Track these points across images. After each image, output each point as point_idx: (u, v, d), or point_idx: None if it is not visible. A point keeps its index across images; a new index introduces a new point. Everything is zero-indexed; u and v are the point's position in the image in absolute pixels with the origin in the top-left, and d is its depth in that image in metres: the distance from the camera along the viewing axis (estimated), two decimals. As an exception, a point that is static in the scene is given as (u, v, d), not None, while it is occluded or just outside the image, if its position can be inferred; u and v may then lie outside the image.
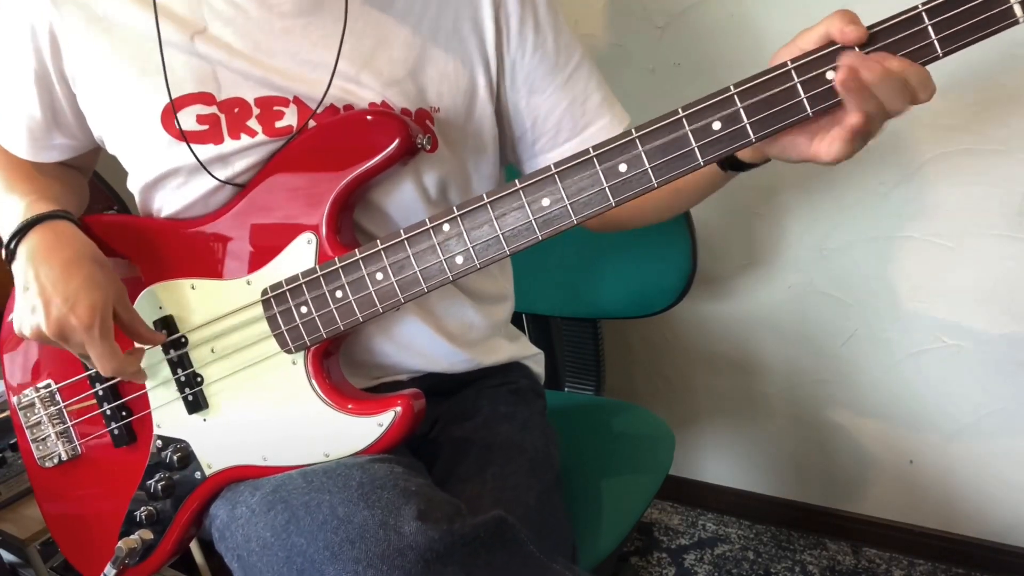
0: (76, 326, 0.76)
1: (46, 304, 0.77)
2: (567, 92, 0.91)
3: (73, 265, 0.79)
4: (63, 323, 0.76)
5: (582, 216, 0.71)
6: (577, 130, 0.93)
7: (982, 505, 1.48)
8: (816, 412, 1.59)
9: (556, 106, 0.91)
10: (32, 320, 0.78)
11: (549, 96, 0.91)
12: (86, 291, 0.77)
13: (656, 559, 1.70)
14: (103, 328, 0.77)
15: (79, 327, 0.76)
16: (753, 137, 0.65)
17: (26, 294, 0.79)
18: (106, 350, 0.77)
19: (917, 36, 0.60)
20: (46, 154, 0.94)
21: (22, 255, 0.81)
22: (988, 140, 1.23)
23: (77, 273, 0.78)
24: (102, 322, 0.77)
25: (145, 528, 0.88)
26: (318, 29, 0.83)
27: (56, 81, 0.87)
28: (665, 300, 1.29)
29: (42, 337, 0.78)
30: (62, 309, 0.76)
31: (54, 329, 0.76)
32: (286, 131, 0.82)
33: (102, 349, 0.77)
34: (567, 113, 0.92)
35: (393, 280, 0.78)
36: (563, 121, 0.92)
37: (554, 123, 0.92)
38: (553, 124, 0.92)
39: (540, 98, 0.91)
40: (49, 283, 0.77)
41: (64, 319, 0.76)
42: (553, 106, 0.91)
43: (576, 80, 0.92)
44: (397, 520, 0.66)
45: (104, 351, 0.77)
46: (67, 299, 0.76)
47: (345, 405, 0.81)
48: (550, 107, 0.91)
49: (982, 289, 1.33)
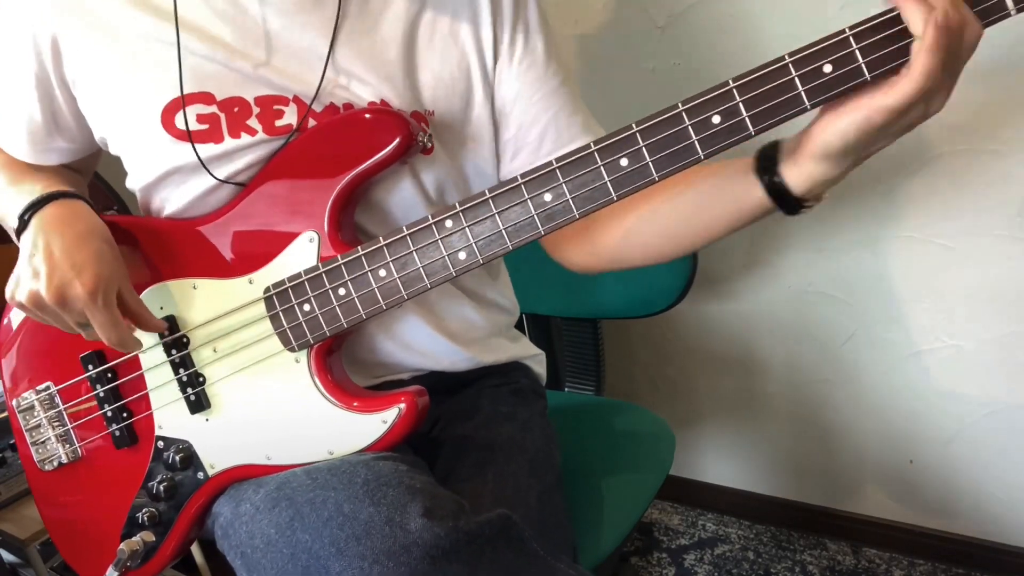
0: (79, 292, 0.75)
1: (51, 269, 0.76)
2: (553, 103, 0.90)
3: (84, 238, 0.78)
4: (66, 289, 0.75)
5: (584, 210, 0.71)
6: (562, 143, 0.90)
7: (982, 505, 1.49)
8: (816, 412, 1.59)
9: (541, 115, 0.90)
10: (32, 284, 0.76)
11: (536, 103, 0.90)
12: (93, 262, 0.76)
13: (656, 559, 1.70)
14: (106, 297, 0.76)
15: (82, 293, 0.75)
16: (752, 130, 0.66)
17: (31, 259, 0.77)
18: (109, 318, 0.76)
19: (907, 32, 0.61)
20: (46, 157, 0.94)
21: (34, 225, 0.80)
22: (988, 140, 1.23)
23: (87, 246, 0.78)
24: (106, 292, 0.76)
25: (147, 530, 0.88)
26: (316, 28, 0.83)
27: (56, 85, 0.87)
28: (665, 300, 1.29)
29: (38, 303, 0.76)
30: (67, 275, 0.75)
31: (54, 294, 0.75)
32: (286, 130, 0.82)
33: (105, 317, 0.76)
34: (552, 123, 0.90)
35: (396, 276, 0.77)
36: (547, 132, 0.90)
37: (538, 133, 0.90)
38: (537, 134, 0.90)
39: (526, 104, 0.90)
40: (57, 249, 0.77)
41: (68, 284, 0.75)
42: (537, 115, 0.90)
43: (561, 94, 0.91)
44: (403, 517, 0.66)
45: (107, 319, 0.76)
46: (74, 266, 0.76)
47: (349, 402, 0.81)
48: (535, 115, 0.90)
49: (982, 289, 1.33)
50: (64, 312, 0.77)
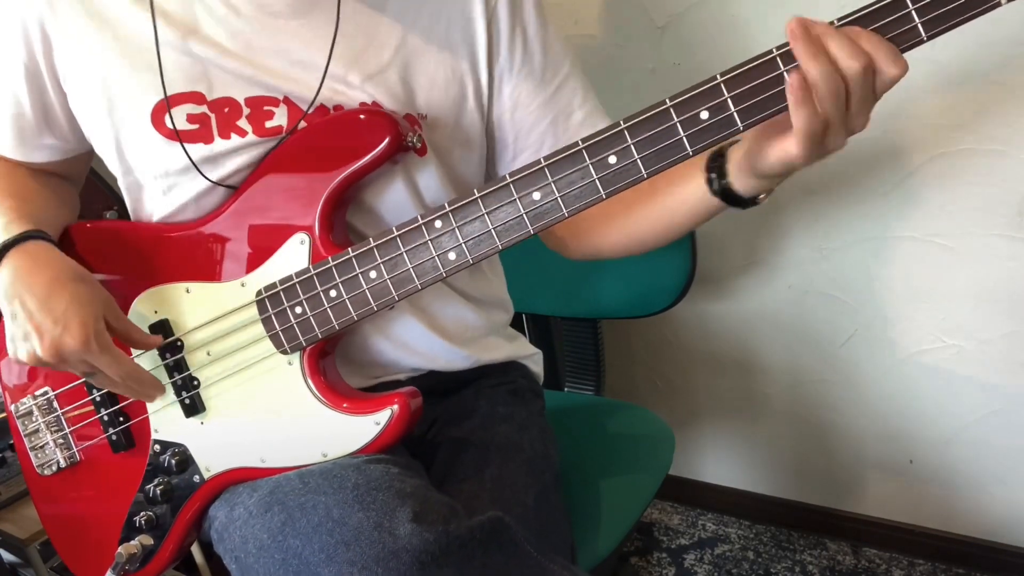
0: (72, 346, 0.75)
1: (37, 330, 0.76)
2: (551, 108, 0.91)
3: (56, 286, 0.78)
4: (58, 346, 0.75)
5: (573, 209, 0.71)
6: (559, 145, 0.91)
7: (982, 505, 1.48)
8: (816, 412, 1.59)
9: (539, 121, 0.91)
10: (27, 346, 0.77)
11: (533, 111, 0.90)
12: (74, 310, 0.76)
13: (656, 559, 1.70)
14: (100, 342, 0.76)
15: (76, 347, 0.75)
16: (741, 125, 0.65)
17: (15, 322, 0.78)
18: (111, 360, 0.77)
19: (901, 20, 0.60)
20: (35, 154, 0.93)
21: (2, 284, 0.79)
22: (988, 140, 1.23)
23: (62, 294, 0.77)
24: (98, 336, 0.76)
25: (145, 533, 0.88)
26: (310, 30, 0.83)
27: (48, 79, 0.86)
28: (665, 300, 1.29)
29: (40, 362, 0.77)
30: (54, 332, 0.75)
31: (50, 353, 0.75)
32: (276, 131, 0.82)
33: (107, 360, 0.77)
34: (550, 129, 0.91)
35: (387, 278, 0.78)
36: (545, 137, 0.91)
37: (536, 138, 0.91)
38: (535, 139, 0.92)
39: (524, 113, 0.91)
40: (35, 308, 0.76)
41: (59, 341, 0.75)
42: (536, 121, 0.91)
43: (560, 96, 0.91)
44: (392, 522, 0.66)
45: (110, 361, 0.77)
46: (57, 321, 0.75)
47: (341, 404, 0.81)
48: (533, 122, 0.91)
49: (982, 289, 1.32)
50: (67, 366, 0.78)
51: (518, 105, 0.90)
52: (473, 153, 0.92)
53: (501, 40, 0.88)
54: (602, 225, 0.90)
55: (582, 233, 0.94)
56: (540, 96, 0.90)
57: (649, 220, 0.85)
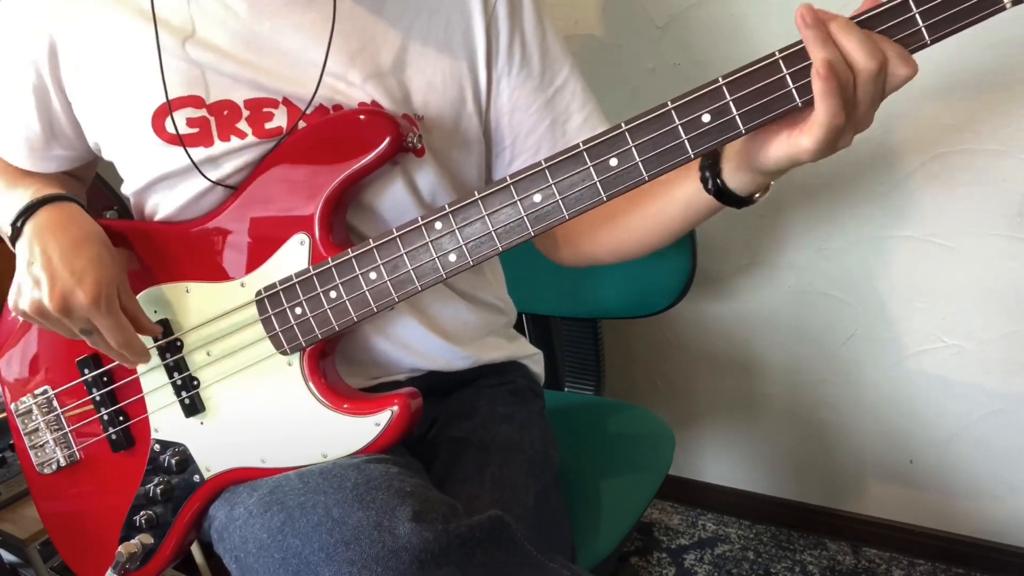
0: (82, 300, 0.75)
1: (51, 277, 0.76)
2: (549, 111, 0.91)
3: (82, 243, 0.78)
4: (68, 296, 0.75)
5: (574, 211, 0.71)
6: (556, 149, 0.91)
7: (982, 505, 1.48)
8: (816, 412, 1.59)
9: (538, 125, 0.91)
10: (34, 294, 0.77)
11: (532, 114, 0.90)
12: (93, 268, 0.77)
13: (656, 559, 1.70)
14: (109, 302, 0.77)
15: (85, 301, 0.75)
16: (743, 128, 0.65)
17: (30, 268, 0.78)
18: (114, 322, 0.77)
19: (905, 24, 0.60)
20: (45, 164, 0.94)
21: (28, 231, 0.80)
22: (988, 140, 1.23)
23: (86, 251, 0.78)
24: (108, 297, 0.77)
25: (145, 532, 0.88)
26: (307, 30, 0.83)
27: (54, 93, 0.87)
28: (665, 300, 1.29)
29: (41, 311, 0.77)
30: (68, 283, 0.75)
31: (57, 302, 0.75)
32: (276, 132, 0.82)
33: (110, 321, 0.77)
34: (547, 133, 0.91)
35: (387, 279, 0.77)
36: (543, 141, 0.91)
37: (534, 142, 0.91)
38: (533, 143, 0.91)
39: (522, 116, 0.90)
40: (56, 257, 0.77)
41: (70, 292, 0.75)
42: (534, 124, 0.91)
43: (559, 100, 0.91)
44: (392, 521, 0.66)
45: (112, 323, 0.77)
46: (74, 273, 0.76)
47: (341, 405, 0.81)
48: (531, 125, 0.91)
49: (982, 289, 1.32)
50: (68, 320, 0.77)
51: (516, 108, 0.90)
52: (471, 155, 0.92)
53: (500, 43, 0.88)
54: (594, 230, 0.90)
55: (574, 238, 0.94)
56: (538, 99, 0.90)
57: (643, 222, 0.85)
